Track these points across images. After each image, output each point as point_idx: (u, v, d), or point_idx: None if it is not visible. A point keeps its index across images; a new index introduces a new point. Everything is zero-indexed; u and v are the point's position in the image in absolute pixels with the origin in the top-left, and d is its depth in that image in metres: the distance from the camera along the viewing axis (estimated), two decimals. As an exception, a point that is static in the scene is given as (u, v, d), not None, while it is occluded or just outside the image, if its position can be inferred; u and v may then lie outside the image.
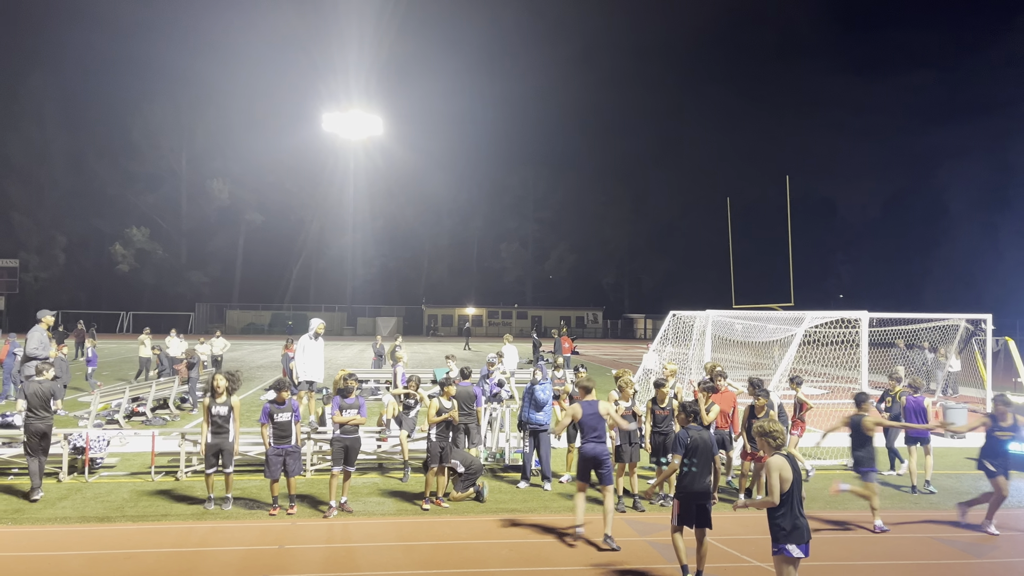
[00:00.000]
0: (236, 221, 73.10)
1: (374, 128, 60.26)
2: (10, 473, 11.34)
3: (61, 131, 69.69)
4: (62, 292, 68.23)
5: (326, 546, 8.50)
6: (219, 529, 9.02)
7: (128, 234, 69.06)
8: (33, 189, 68.52)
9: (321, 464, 11.91)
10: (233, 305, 72.10)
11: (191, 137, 72.34)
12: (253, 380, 25.26)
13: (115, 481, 11.13)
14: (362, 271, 74.48)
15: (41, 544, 8.34)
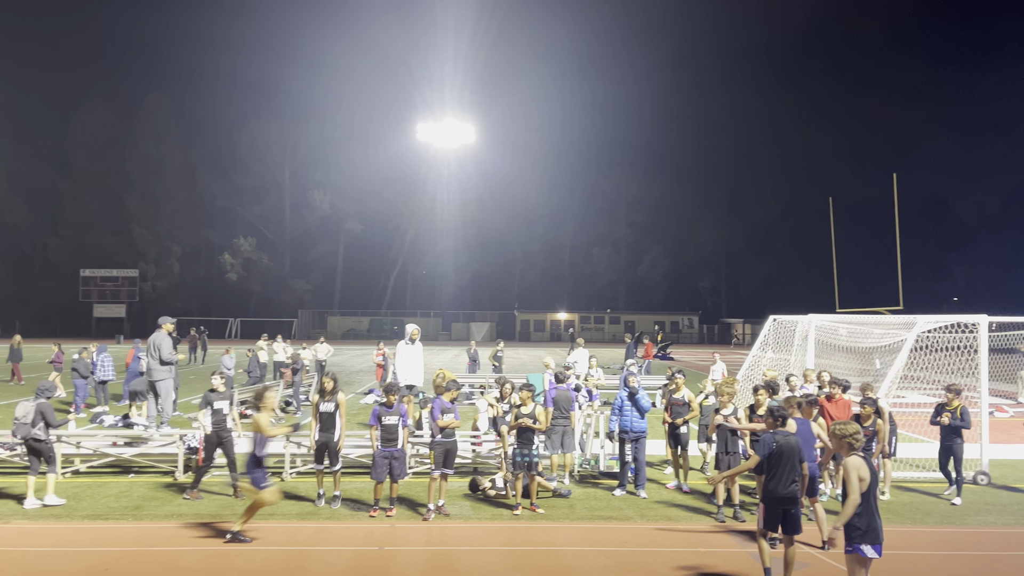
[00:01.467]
0: (336, 230, 75.55)
1: (467, 136, 61.12)
2: (131, 471, 12.05)
3: (175, 148, 73.81)
4: (177, 300, 72.14)
5: (425, 549, 8.65)
6: (324, 529, 9.31)
7: (236, 244, 72.43)
8: (151, 203, 72.80)
9: (418, 467, 12.13)
10: (334, 311, 74.49)
11: (294, 151, 75.31)
12: (352, 384, 26.00)
13: (225, 480, 11.65)
14: (456, 277, 75.61)
15: (158, 540, 8.81)
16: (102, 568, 7.80)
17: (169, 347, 14.84)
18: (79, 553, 8.29)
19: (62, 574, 7.60)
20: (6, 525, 9.20)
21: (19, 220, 72.91)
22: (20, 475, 11.31)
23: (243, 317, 71.23)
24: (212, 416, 10.58)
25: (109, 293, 69.88)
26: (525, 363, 35.42)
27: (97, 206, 73.77)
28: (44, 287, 73.38)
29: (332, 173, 74.12)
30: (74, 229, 72.66)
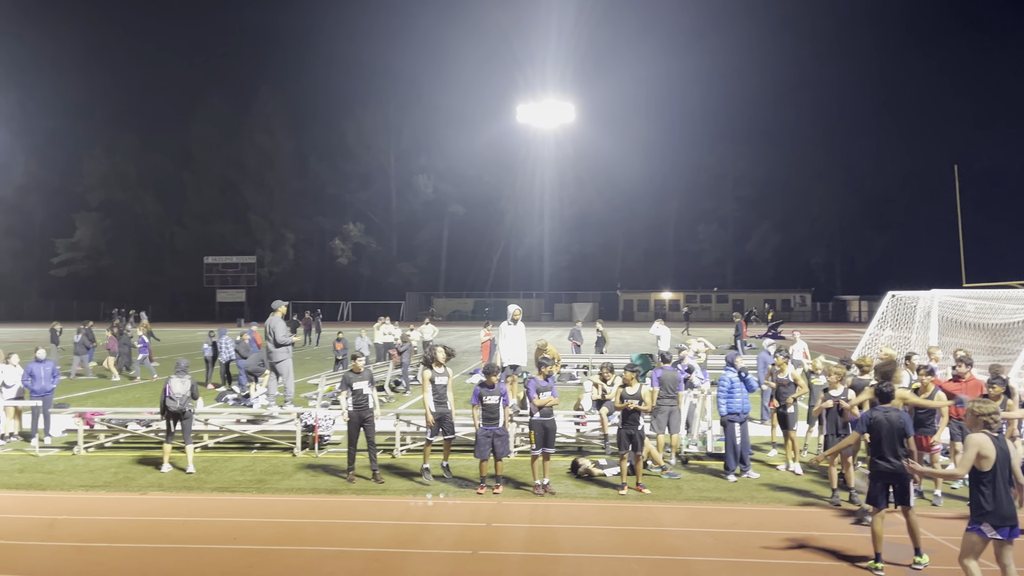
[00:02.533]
0: (440, 214, 76.96)
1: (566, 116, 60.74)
2: (254, 447, 12.74)
3: (287, 138, 76.98)
4: (292, 284, 75.47)
5: (530, 526, 8.76)
6: (435, 505, 9.57)
7: (346, 230, 74.98)
8: (266, 192, 76.28)
9: (523, 446, 12.26)
10: (439, 293, 76.10)
11: (398, 136, 77.06)
12: (459, 364, 26.49)
13: (340, 457, 12.13)
14: (558, 258, 75.61)
15: (279, 512, 9.30)
16: (230, 537, 8.31)
17: (283, 329, 15.52)
18: (209, 523, 8.85)
19: (194, 542, 8.13)
20: (143, 496, 9.92)
21: (148, 211, 77.97)
22: (155, 449, 12.19)
23: (354, 300, 73.78)
24: (353, 397, 10.65)
25: (230, 279, 73.84)
26: (629, 343, 35.12)
27: (217, 197, 77.89)
28: (172, 274, 78.26)
29: (435, 157, 75.47)
30: (197, 219, 77.06)
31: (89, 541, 8.16)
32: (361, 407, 10.62)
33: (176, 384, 10.98)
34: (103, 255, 76.02)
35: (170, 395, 10.89)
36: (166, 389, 10.96)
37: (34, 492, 10.10)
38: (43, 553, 7.80)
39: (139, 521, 8.90)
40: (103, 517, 9.06)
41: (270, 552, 7.82)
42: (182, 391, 10.94)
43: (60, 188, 76.29)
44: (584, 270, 78.60)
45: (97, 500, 9.75)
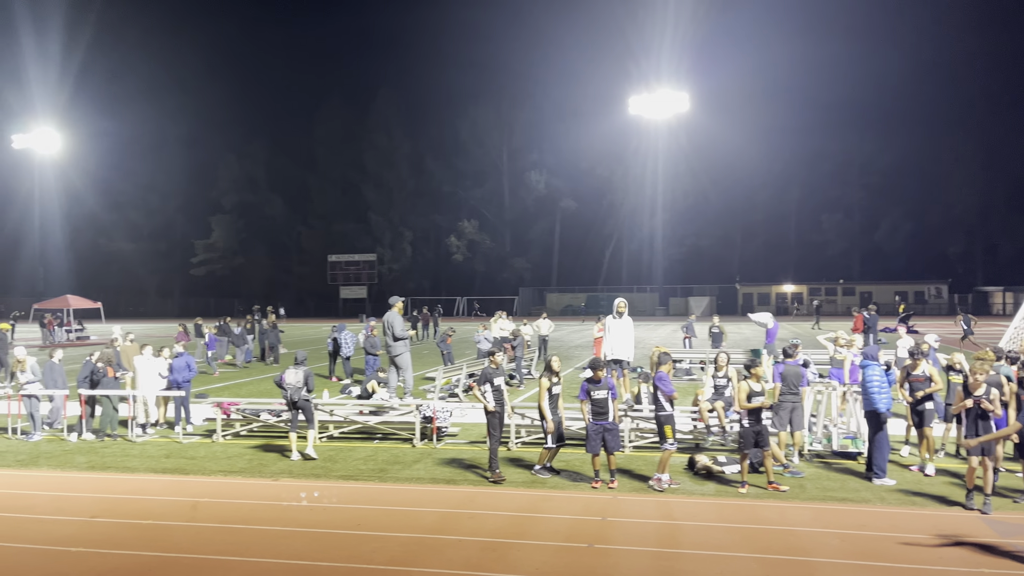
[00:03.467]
0: (552, 209, 77.13)
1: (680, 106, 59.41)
2: (375, 437, 13.22)
3: (405, 138, 79.29)
4: (410, 281, 77.73)
5: (646, 521, 8.68)
6: (548, 497, 9.65)
7: (461, 227, 76.42)
8: (384, 192, 78.86)
9: (639, 441, 12.15)
10: (552, 288, 76.32)
11: (510, 132, 77.78)
12: (572, 359, 26.50)
13: (457, 448, 12.43)
14: (672, 251, 74.23)
15: (400, 500, 9.61)
16: (355, 523, 8.67)
17: (401, 324, 15.99)
18: (335, 509, 9.26)
19: (322, 526, 8.54)
20: (275, 482, 10.49)
21: (277, 213, 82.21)
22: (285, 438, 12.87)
23: (469, 295, 75.14)
24: (493, 393, 10.58)
25: (352, 276, 76.79)
26: (748, 338, 34.03)
27: (340, 197, 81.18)
28: (299, 272, 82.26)
29: (547, 153, 75.73)
30: (321, 219, 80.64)
31: (228, 523, 8.71)
32: (500, 402, 10.60)
33: (290, 375, 11.60)
34: (236, 255, 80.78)
35: (283, 383, 11.55)
36: (281, 378, 11.62)
37: (178, 476, 10.87)
38: (188, 533, 8.39)
39: (272, 505, 9.42)
40: (240, 500, 9.65)
41: (392, 538, 8.10)
42: (294, 381, 11.52)
43: (198, 193, 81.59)
44: (700, 263, 76.82)
45: (234, 484, 10.39)
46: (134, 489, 10.21)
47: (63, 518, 8.92)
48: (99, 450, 12.59)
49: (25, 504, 9.53)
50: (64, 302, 42.98)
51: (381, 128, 78.73)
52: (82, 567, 7.38)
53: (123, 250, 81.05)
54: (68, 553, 7.74)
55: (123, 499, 9.75)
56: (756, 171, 74.15)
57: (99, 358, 13.87)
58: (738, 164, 73.01)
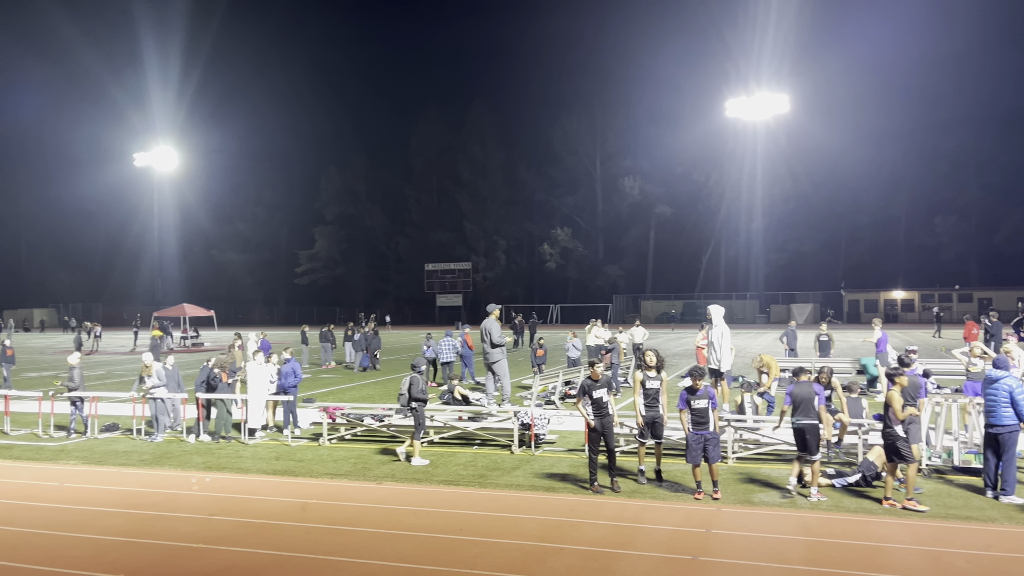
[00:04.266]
0: (647, 215, 76.20)
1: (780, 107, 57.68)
2: (475, 443, 13.36)
3: (498, 148, 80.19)
4: (504, 288, 78.37)
5: (752, 535, 8.43)
6: (650, 508, 9.51)
7: (554, 235, 76.50)
8: (479, 201, 79.91)
9: (742, 452, 11.82)
10: (647, 295, 75.34)
11: (603, 139, 77.42)
12: (669, 368, 26.05)
13: (556, 456, 12.42)
14: (773, 256, 72.01)
15: (500, 506, 9.67)
16: (456, 528, 8.78)
17: (498, 331, 16.18)
18: (437, 513, 9.40)
19: (424, 531, 8.68)
20: (379, 485, 10.74)
21: (376, 223, 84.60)
22: (387, 443, 13.21)
23: (562, 303, 75.09)
24: (592, 405, 10.34)
25: (448, 284, 78.09)
26: (855, 347, 32.60)
27: (435, 207, 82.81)
28: (397, 280, 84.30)
29: (641, 158, 74.93)
30: (418, 228, 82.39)
31: (335, 524, 8.98)
32: (601, 414, 10.30)
33: (404, 382, 12.07)
34: (338, 264, 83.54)
35: (401, 391, 12.16)
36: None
37: (287, 477, 11.28)
38: (297, 533, 8.70)
39: (376, 508, 9.65)
40: (346, 503, 9.93)
41: (493, 544, 8.16)
42: (402, 388, 12.11)
43: (302, 205, 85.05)
44: (802, 269, 74.20)
45: (340, 487, 10.71)
46: (247, 489, 10.67)
47: (185, 515, 9.41)
48: (215, 451, 13.23)
49: (151, 502, 10.10)
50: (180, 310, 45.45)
51: (475, 138, 79.88)
52: (203, 563, 7.76)
53: (232, 261, 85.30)
54: (190, 549, 8.16)
55: (238, 498, 10.20)
56: (862, 173, 71.12)
57: (215, 363, 14.60)
58: (842, 166, 70.25)
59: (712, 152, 70.50)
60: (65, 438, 14.52)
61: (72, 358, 15.32)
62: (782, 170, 68.99)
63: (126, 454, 13.06)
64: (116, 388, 21.49)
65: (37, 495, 10.44)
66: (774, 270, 71.63)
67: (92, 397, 15.13)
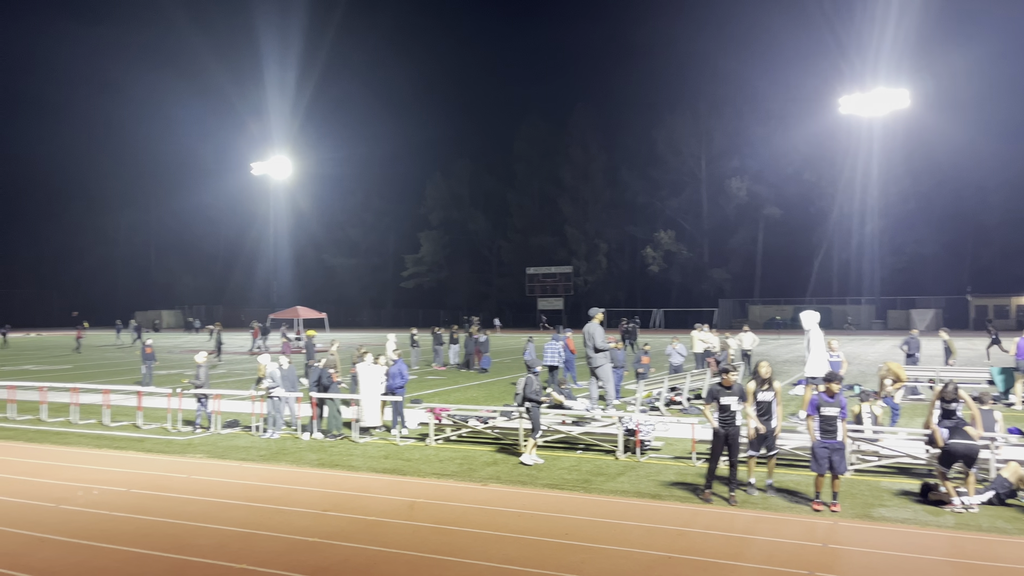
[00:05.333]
0: (755, 217, 73.96)
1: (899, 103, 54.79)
2: (578, 448, 13.30)
3: (600, 151, 79.70)
4: (605, 292, 77.76)
5: (872, 551, 8.02)
6: (763, 519, 9.21)
7: (657, 238, 75.33)
8: (580, 205, 79.65)
9: (860, 464, 11.27)
10: (755, 300, 73.10)
11: (709, 140, 75.69)
12: (780, 375, 25.18)
13: (662, 463, 12.21)
14: (891, 259, 68.38)
15: (605, 512, 9.58)
16: (562, 532, 8.75)
17: (601, 335, 16.08)
18: (542, 517, 9.41)
19: (530, 533, 8.70)
20: (484, 487, 10.85)
21: (479, 228, 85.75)
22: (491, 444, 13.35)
23: (665, 307, 73.84)
24: (719, 412, 10.06)
25: (549, 288, 78.19)
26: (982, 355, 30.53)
27: (537, 211, 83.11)
28: (499, 284, 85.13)
29: (748, 159, 72.75)
30: (520, 233, 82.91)
31: (442, 523, 9.13)
32: (727, 423, 10.00)
33: (519, 382, 12.57)
34: (442, 268, 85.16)
35: (516, 391, 12.69)
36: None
37: (395, 476, 11.56)
38: (405, 531, 8.89)
39: (482, 509, 9.75)
40: (452, 503, 10.08)
41: (599, 550, 8.09)
42: (518, 388, 12.53)
43: (408, 211, 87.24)
44: (923, 272, 70.11)
45: (446, 487, 10.88)
46: (358, 487, 10.99)
47: (300, 510, 9.78)
48: (327, 449, 13.70)
49: (269, 496, 10.56)
50: (294, 312, 47.39)
51: (577, 142, 79.71)
52: (318, 556, 8.05)
53: (342, 265, 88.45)
54: (306, 542, 8.48)
55: (349, 495, 10.52)
56: (990, 170, 66.59)
57: (325, 364, 15.14)
58: (967, 163, 65.99)
59: (824, 151, 67.69)
60: (191, 433, 15.38)
61: (199, 357, 16.23)
62: (900, 169, 65.53)
63: (246, 449, 13.71)
64: (236, 386, 22.62)
65: (168, 486, 11.10)
66: (891, 274, 68.06)
67: (215, 394, 15.98)
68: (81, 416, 17.11)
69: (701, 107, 75.16)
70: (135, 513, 9.66)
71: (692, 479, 11.06)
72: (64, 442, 14.58)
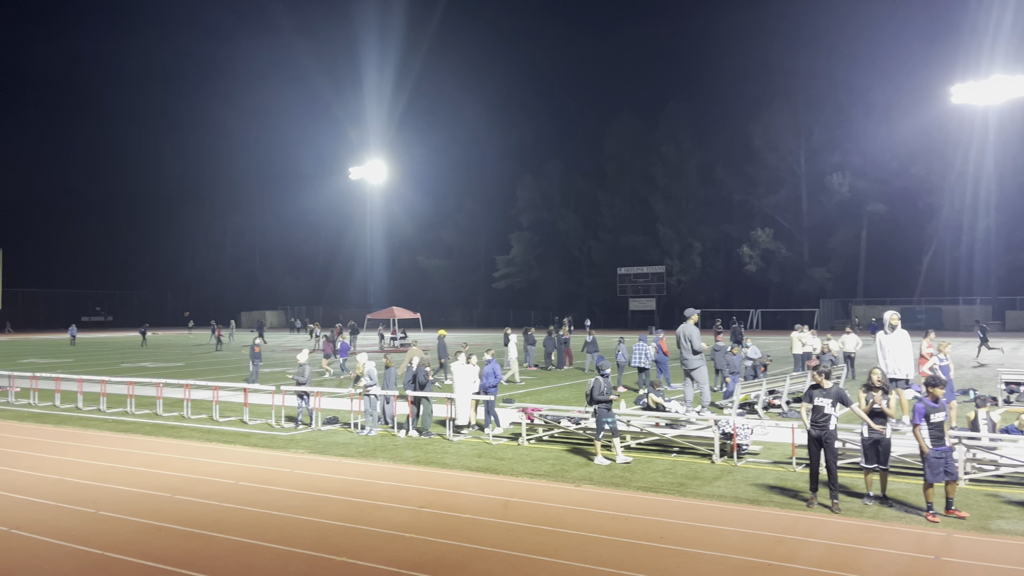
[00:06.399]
0: (858, 214, 70.94)
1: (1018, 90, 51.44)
2: (673, 451, 13.09)
3: (693, 148, 78.11)
4: (699, 293, 76.16)
5: (989, 565, 7.55)
6: (870, 528, 8.82)
7: (754, 236, 73.27)
8: (673, 203, 78.31)
9: (976, 473, 10.64)
10: (858, 300, 70.10)
11: (808, 135, 73.07)
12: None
13: (760, 467, 11.87)
14: (1009, 257, 64.23)
15: (701, 516, 9.38)
16: (657, 536, 8.63)
17: (699, 337, 15.78)
18: (636, 519, 9.30)
19: (624, 536, 8.61)
20: (577, 488, 10.82)
21: (569, 228, 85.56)
22: (584, 445, 13.29)
23: (763, 308, 71.76)
24: (812, 414, 9.79)
25: (641, 288, 77.21)
26: (1116, 359, 28.34)
27: (628, 210, 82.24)
28: (589, 284, 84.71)
29: (851, 153, 69.78)
30: (610, 232, 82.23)
31: (536, 523, 9.15)
32: (820, 426, 9.68)
33: (588, 383, 12.67)
34: (533, 269, 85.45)
35: (586, 391, 12.70)
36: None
37: (489, 475, 11.66)
38: (500, 530, 8.95)
39: (575, 510, 9.72)
40: (546, 503, 10.09)
41: (696, 555, 7.93)
42: (587, 389, 12.69)
43: (499, 212, 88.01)
44: (1045, 270, 65.59)
45: (539, 487, 10.90)
46: (452, 484, 11.15)
47: (397, 506, 10.01)
48: (423, 446, 13.97)
49: (367, 491, 10.85)
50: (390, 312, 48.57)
51: (670, 139, 78.40)
52: (415, 551, 8.21)
53: (435, 266, 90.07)
54: (403, 538, 8.66)
55: (444, 492, 10.69)
56: None
57: (420, 362, 15.43)
58: (1095, 152, 61.34)
59: (934, 143, 64.23)
60: (294, 428, 15.98)
61: (301, 356, 16.84)
62: (1020, 160, 61.52)
63: (345, 445, 14.13)
64: (335, 384, 23.35)
65: (273, 479, 11.57)
66: (1010, 272, 63.92)
67: (316, 392, 16.54)
68: (192, 411, 18.03)
69: (800, 100, 72.59)
70: (243, 504, 10.11)
71: (792, 484, 10.72)
72: (178, 435, 15.41)
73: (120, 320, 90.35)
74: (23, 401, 20.60)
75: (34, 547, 8.46)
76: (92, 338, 63.62)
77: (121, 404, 19.30)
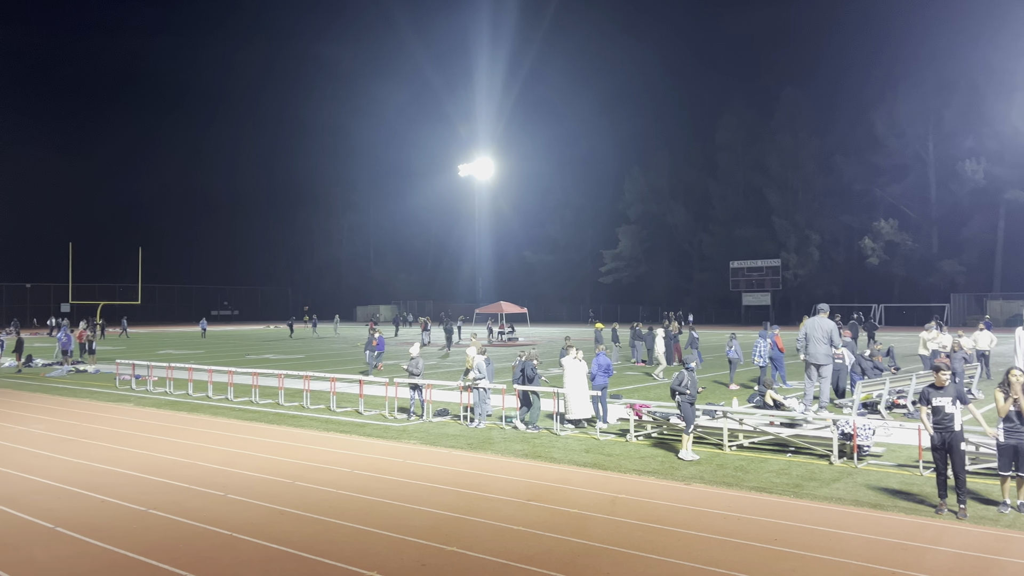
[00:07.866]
0: (994, 202, 66.14)
1: None
2: (788, 450, 12.65)
3: (811, 137, 74.87)
4: (816, 287, 73.07)
5: None
6: (1007, 538, 8.26)
7: (876, 227, 69.64)
8: (789, 194, 75.43)
9: None
10: (994, 295, 65.44)
11: (938, 120, 68.66)
12: None
13: (883, 470, 11.30)
14: None
15: (818, 519, 9.02)
16: (771, 538, 8.36)
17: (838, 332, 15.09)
18: (749, 520, 9.04)
19: (736, 536, 8.40)
20: (687, 486, 10.62)
21: (678, 221, 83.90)
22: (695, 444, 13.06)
23: (886, 303, 68.15)
24: (934, 415, 9.33)
25: (755, 282, 74.79)
26: None
27: (741, 202, 79.88)
28: (699, 279, 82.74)
29: (986, 138, 65.06)
30: (722, 225, 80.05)
31: (645, 521, 9.05)
32: (942, 427, 9.19)
33: (673, 377, 12.73)
34: (640, 263, 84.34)
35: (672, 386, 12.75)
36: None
37: (596, 471, 11.62)
38: (608, 526, 8.91)
39: (685, 509, 9.55)
40: (655, 500, 9.96)
41: (813, 559, 7.64)
42: (672, 384, 12.71)
43: (606, 206, 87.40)
44: None
45: (648, 484, 10.77)
46: (559, 479, 11.18)
47: (505, 498, 10.13)
48: (531, 440, 14.07)
49: (476, 483, 11.03)
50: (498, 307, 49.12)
51: (786, 128, 75.49)
52: (523, 544, 8.28)
53: (542, 261, 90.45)
54: (511, 531, 8.76)
55: (551, 486, 10.73)
56: None
57: (527, 356, 15.54)
58: None
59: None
60: (406, 420, 16.44)
61: (413, 349, 17.29)
62: None
63: (455, 437, 14.42)
64: (444, 377, 23.85)
65: (386, 469, 11.95)
66: None
67: (428, 384, 16.95)
68: (311, 402, 18.85)
69: (928, 83, 68.30)
70: (358, 492, 10.49)
71: (919, 489, 10.16)
72: (298, 424, 16.15)
73: (245, 314, 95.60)
74: (160, 390, 22.11)
75: (169, 526, 9.07)
76: (220, 331, 67.54)
77: (247, 394, 20.40)
